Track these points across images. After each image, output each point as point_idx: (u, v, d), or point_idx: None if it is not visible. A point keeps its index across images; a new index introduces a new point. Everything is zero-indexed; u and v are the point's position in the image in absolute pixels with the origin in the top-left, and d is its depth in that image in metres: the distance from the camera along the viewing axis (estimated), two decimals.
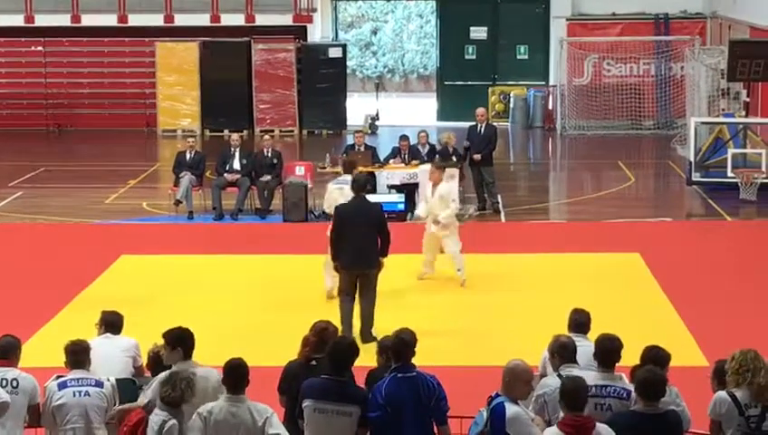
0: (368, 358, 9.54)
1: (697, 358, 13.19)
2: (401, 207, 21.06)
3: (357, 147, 22.32)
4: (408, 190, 21.40)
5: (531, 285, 16.75)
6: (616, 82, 32.69)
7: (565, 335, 9.30)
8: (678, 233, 20.89)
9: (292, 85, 32.54)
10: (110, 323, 10.30)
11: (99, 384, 9.11)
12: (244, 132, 30.95)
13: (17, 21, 32.92)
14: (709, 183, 23.90)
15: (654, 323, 14.51)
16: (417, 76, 44.83)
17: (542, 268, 17.68)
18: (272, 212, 21.94)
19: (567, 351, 8.99)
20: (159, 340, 9.24)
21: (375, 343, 10.18)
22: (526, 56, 34.54)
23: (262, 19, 32.98)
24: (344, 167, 17.18)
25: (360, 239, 14.02)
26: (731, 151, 23.66)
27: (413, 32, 45.10)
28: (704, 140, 24.80)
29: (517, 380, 8.20)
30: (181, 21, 32.84)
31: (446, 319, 15.13)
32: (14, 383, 9.00)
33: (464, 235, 16.96)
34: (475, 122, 22.47)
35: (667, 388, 8.27)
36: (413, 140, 22.36)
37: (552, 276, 17.14)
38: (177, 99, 32.52)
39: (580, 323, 9.78)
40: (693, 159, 23.99)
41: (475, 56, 34.71)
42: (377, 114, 33.59)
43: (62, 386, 9.06)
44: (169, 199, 22.29)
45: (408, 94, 43.22)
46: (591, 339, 9.24)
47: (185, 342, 8.89)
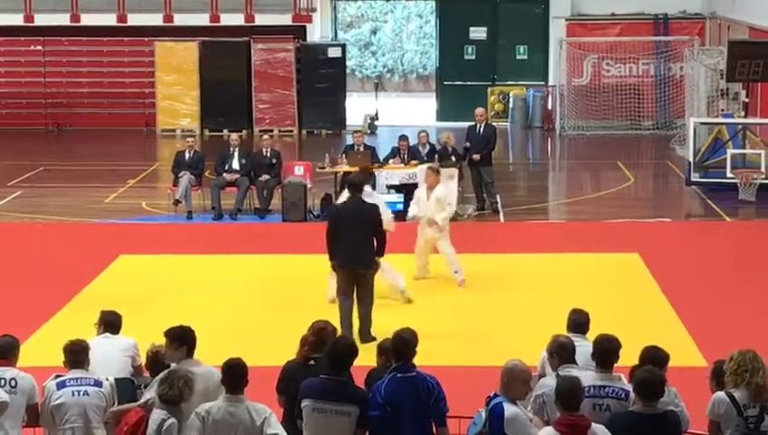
0: (367, 358, 9.54)
1: (696, 358, 13.19)
2: (400, 206, 21.01)
3: (356, 147, 22.29)
4: (408, 190, 21.35)
5: (529, 285, 16.74)
6: (615, 82, 32.68)
7: (564, 335, 9.29)
8: (677, 233, 20.89)
9: (292, 85, 32.53)
10: (108, 323, 10.31)
11: (98, 384, 9.11)
12: (244, 132, 30.90)
13: (17, 20, 32.89)
14: (708, 183, 23.89)
15: (653, 324, 14.50)
16: (417, 76, 44.80)
17: (541, 268, 17.67)
18: (271, 212, 21.93)
19: (566, 351, 8.99)
20: (158, 340, 9.24)
21: (374, 344, 10.18)
22: (525, 56, 34.53)
23: (261, 19, 32.96)
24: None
25: (356, 240, 14.01)
26: (730, 152, 23.65)
27: (412, 32, 45.08)
28: (703, 141, 24.79)
29: (515, 380, 8.20)
30: (180, 20, 32.83)
31: (444, 319, 15.11)
32: (13, 383, 9.00)
33: (462, 235, 16.96)
34: (474, 122, 22.46)
35: (665, 388, 8.27)
36: (412, 141, 22.32)
37: (551, 277, 17.13)
38: (177, 98, 32.50)
39: (579, 324, 9.78)
40: (692, 159, 23.99)
41: (474, 56, 34.70)
42: (376, 114, 33.58)
43: (61, 386, 9.06)
44: (168, 199, 22.28)
45: (408, 94, 43.18)
46: (590, 339, 9.23)
47: (187, 340, 8.92)
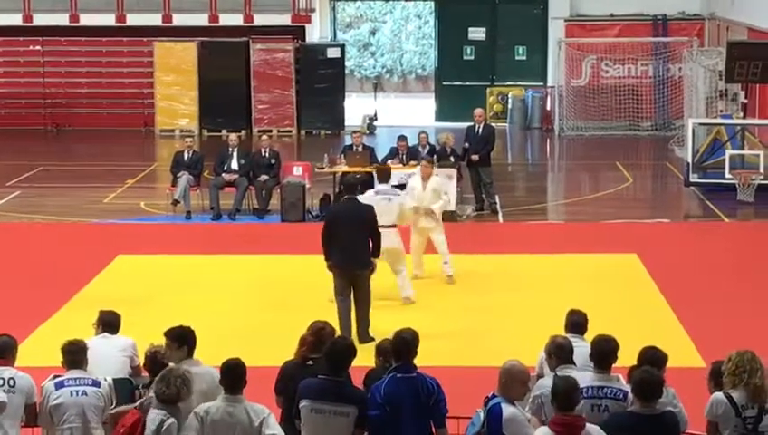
0: (365, 358, 9.54)
1: (694, 359, 13.18)
2: None
3: (355, 147, 22.28)
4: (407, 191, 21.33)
5: (528, 285, 16.73)
6: (614, 83, 32.69)
7: (562, 336, 9.29)
8: (676, 234, 20.90)
9: (291, 85, 32.53)
10: (107, 323, 10.32)
11: (96, 384, 9.10)
12: (242, 132, 30.90)
13: (15, 20, 32.90)
14: (707, 184, 23.89)
15: (651, 324, 14.50)
16: (416, 77, 44.81)
17: (540, 269, 17.67)
18: (269, 212, 21.92)
19: (564, 352, 8.99)
20: (157, 340, 9.25)
21: (373, 344, 10.17)
22: (524, 57, 34.53)
23: (260, 19, 32.97)
24: (379, 175, 17.05)
25: (351, 241, 14.00)
26: (729, 153, 23.64)
27: (411, 32, 45.09)
28: (701, 142, 24.78)
29: (514, 380, 8.20)
30: (179, 21, 32.83)
31: (442, 319, 15.09)
32: (11, 383, 8.99)
33: (461, 235, 16.96)
34: (473, 123, 22.46)
35: (663, 389, 8.27)
36: (411, 141, 22.31)
37: (550, 277, 17.13)
38: (176, 99, 32.50)
39: (577, 324, 9.78)
40: (691, 160, 23.98)
41: (473, 57, 34.71)
42: (375, 114, 33.59)
43: (60, 386, 9.05)
44: (167, 199, 22.27)
45: (407, 95, 43.18)
46: (588, 340, 9.23)
47: (188, 340, 8.95)
